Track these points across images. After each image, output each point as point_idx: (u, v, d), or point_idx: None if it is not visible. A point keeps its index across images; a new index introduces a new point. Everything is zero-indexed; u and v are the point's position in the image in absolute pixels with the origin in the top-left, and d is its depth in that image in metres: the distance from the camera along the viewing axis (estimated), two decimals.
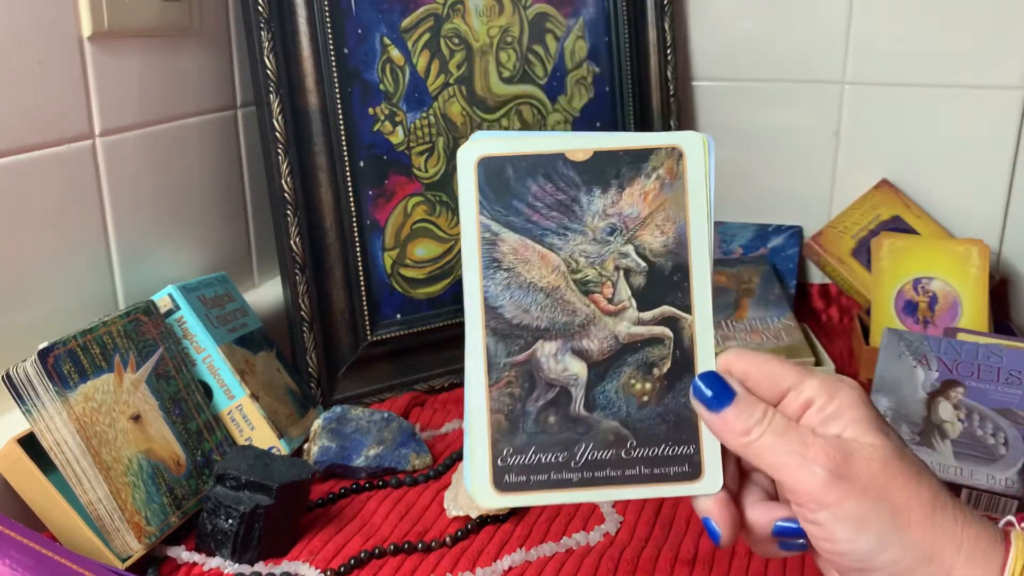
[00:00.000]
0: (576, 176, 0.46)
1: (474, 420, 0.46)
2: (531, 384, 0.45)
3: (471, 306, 0.45)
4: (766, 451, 0.42)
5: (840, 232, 1.09)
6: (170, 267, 0.85)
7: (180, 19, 0.82)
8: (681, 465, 0.45)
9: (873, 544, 0.40)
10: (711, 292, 0.46)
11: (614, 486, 0.45)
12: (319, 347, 0.87)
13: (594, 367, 0.46)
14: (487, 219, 0.45)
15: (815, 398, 0.43)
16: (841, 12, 1.08)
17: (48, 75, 0.70)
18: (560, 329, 0.46)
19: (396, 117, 0.90)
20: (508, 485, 0.45)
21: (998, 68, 1.03)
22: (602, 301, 0.46)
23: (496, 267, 0.45)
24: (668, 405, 0.45)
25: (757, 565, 0.64)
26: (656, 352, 0.46)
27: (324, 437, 0.77)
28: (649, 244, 0.46)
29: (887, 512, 0.40)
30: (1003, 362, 0.76)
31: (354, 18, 0.87)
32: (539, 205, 0.45)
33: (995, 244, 1.07)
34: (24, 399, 0.62)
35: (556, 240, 0.46)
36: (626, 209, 0.46)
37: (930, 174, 1.09)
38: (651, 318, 0.46)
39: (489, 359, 0.46)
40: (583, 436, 0.45)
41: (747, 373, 0.44)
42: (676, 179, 0.46)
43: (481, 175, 0.45)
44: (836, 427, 0.42)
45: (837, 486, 0.40)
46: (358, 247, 0.88)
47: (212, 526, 0.65)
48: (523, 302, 0.45)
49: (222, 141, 0.91)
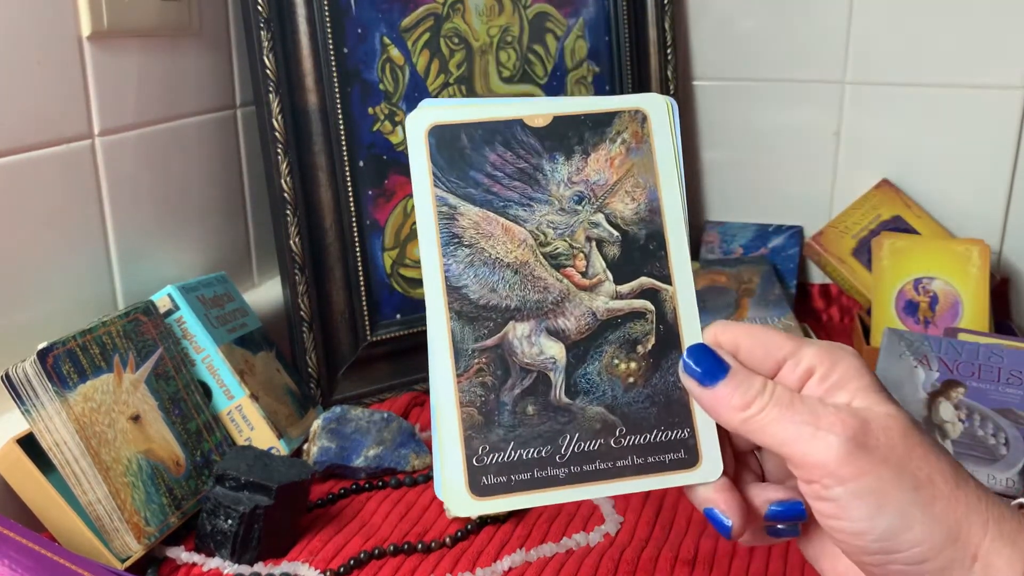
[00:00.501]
0: (537, 143, 0.43)
1: (443, 416, 0.41)
2: (504, 371, 0.41)
3: (431, 288, 0.41)
4: (771, 425, 0.38)
5: (841, 232, 1.09)
6: (169, 267, 0.84)
7: (179, 19, 0.82)
8: (676, 451, 0.41)
9: (894, 522, 0.36)
10: (689, 261, 0.43)
11: (605, 480, 0.41)
12: (319, 347, 0.87)
13: (572, 348, 0.42)
14: (443, 191, 0.42)
15: (815, 367, 0.39)
16: (841, 12, 1.08)
17: (47, 75, 0.70)
18: (532, 308, 0.42)
19: (396, 117, 0.90)
20: (487, 488, 0.40)
21: (999, 68, 1.03)
22: (576, 275, 0.42)
23: (456, 243, 0.42)
24: (656, 386, 0.42)
25: (757, 565, 0.64)
26: (638, 327, 0.42)
27: (324, 437, 0.77)
28: (620, 212, 0.43)
29: (909, 485, 0.36)
30: (1004, 362, 0.76)
31: (354, 18, 0.87)
32: (499, 175, 0.42)
33: (996, 244, 1.07)
34: (23, 399, 0.62)
35: (521, 212, 0.42)
36: (593, 176, 0.43)
37: (931, 174, 1.09)
38: (629, 291, 0.42)
39: (455, 345, 0.41)
40: (567, 426, 0.41)
41: (737, 344, 0.41)
42: (642, 143, 0.43)
43: (433, 145, 0.42)
44: (843, 396, 0.39)
45: (855, 457, 0.36)
46: (358, 247, 0.88)
47: (211, 526, 0.65)
48: (489, 280, 0.42)
49: (222, 141, 0.91)
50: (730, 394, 0.39)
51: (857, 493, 0.37)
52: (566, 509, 0.71)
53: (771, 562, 0.64)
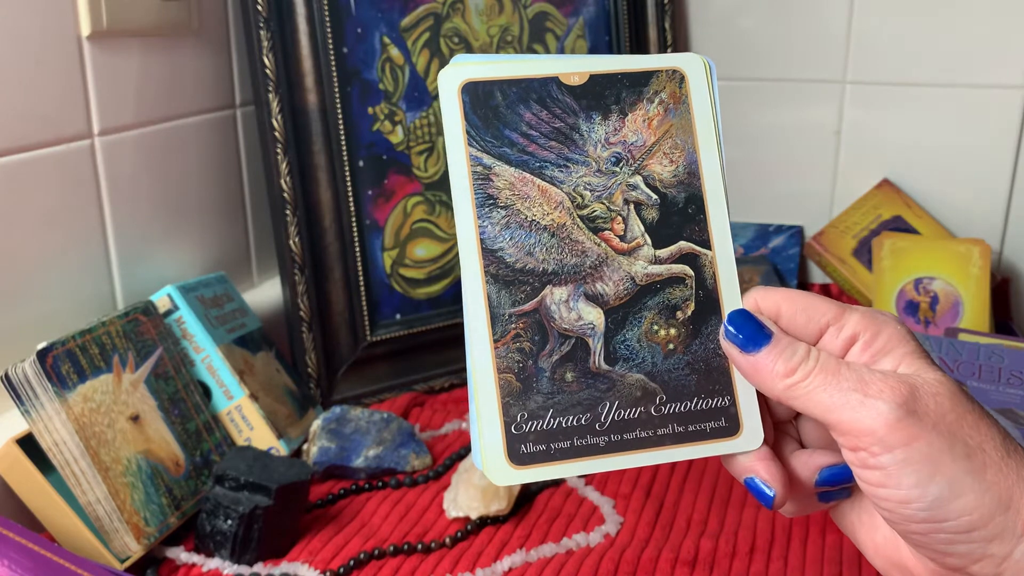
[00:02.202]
0: (573, 101, 0.41)
1: (480, 383, 0.40)
2: (542, 337, 0.40)
3: (466, 250, 0.40)
4: (816, 392, 0.37)
5: (841, 232, 1.09)
6: (169, 267, 0.84)
7: (179, 18, 0.82)
8: (717, 419, 0.40)
9: (944, 490, 0.35)
10: (729, 224, 0.42)
11: (646, 448, 0.40)
12: (318, 347, 0.87)
13: (611, 314, 0.41)
14: (477, 151, 0.40)
15: (860, 333, 0.39)
16: (842, 11, 1.08)
17: (47, 74, 0.70)
18: (570, 272, 0.41)
19: (396, 116, 0.90)
20: (526, 457, 0.39)
21: (999, 68, 1.03)
22: (613, 239, 0.41)
23: (492, 205, 0.40)
24: (696, 352, 0.41)
25: (758, 566, 0.64)
26: (677, 293, 0.41)
27: (323, 438, 0.77)
28: (659, 174, 0.42)
29: (961, 453, 0.36)
30: (1004, 363, 0.76)
31: (354, 17, 0.87)
32: (535, 134, 0.41)
33: (996, 244, 1.07)
34: (23, 399, 0.62)
35: (558, 172, 0.41)
36: (630, 136, 0.42)
37: (931, 174, 1.09)
38: (668, 255, 0.41)
39: (492, 310, 0.40)
40: (606, 393, 0.40)
41: (779, 310, 0.40)
42: (680, 104, 0.42)
43: (466, 102, 0.40)
44: (889, 363, 0.38)
45: (906, 423, 0.36)
46: (357, 247, 0.88)
47: (211, 527, 0.65)
48: (526, 243, 0.40)
49: (221, 140, 0.90)
50: (773, 361, 0.38)
51: (907, 460, 0.36)
52: (566, 509, 0.71)
53: (771, 563, 0.64)
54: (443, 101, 0.40)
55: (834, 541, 0.66)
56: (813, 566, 0.64)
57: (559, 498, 0.73)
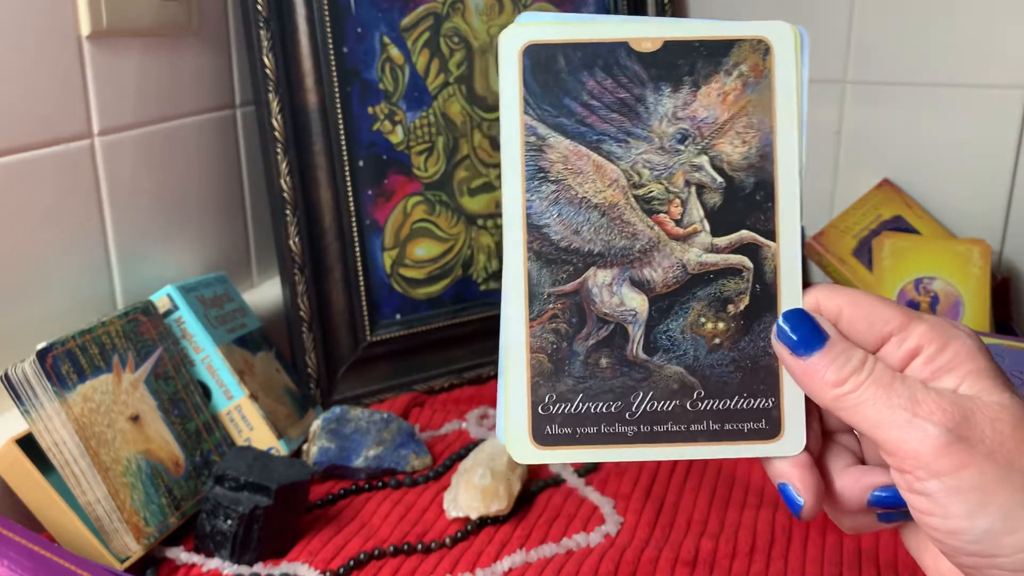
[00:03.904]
0: (642, 70, 0.38)
1: (511, 360, 0.38)
2: (580, 319, 0.39)
3: (511, 224, 0.38)
4: (865, 406, 0.35)
5: (841, 232, 1.09)
6: (168, 267, 0.84)
7: (179, 18, 0.82)
8: (757, 420, 0.39)
9: (996, 523, 0.33)
10: (800, 216, 0.40)
11: (676, 443, 0.39)
12: (318, 347, 0.87)
13: (656, 302, 0.39)
14: (533, 120, 0.38)
15: (924, 346, 0.36)
16: (842, 11, 1.08)
17: (46, 74, 0.70)
18: (617, 255, 0.39)
19: (396, 116, 0.90)
20: (550, 438, 0.38)
21: (999, 68, 1.02)
22: (669, 223, 0.39)
23: (542, 178, 0.38)
24: (744, 349, 0.39)
25: (758, 566, 0.64)
26: (732, 285, 0.39)
27: (323, 438, 0.76)
28: (727, 155, 0.39)
29: (1019, 482, 0.33)
30: (1004, 363, 0.76)
31: (353, 17, 0.87)
32: (596, 105, 0.38)
33: (997, 244, 1.07)
34: (22, 399, 0.62)
35: (616, 148, 0.38)
36: (701, 112, 0.39)
37: (931, 174, 1.09)
38: (727, 244, 0.39)
39: (531, 288, 0.39)
40: (641, 383, 0.39)
41: (840, 313, 0.37)
42: (762, 78, 0.39)
43: (527, 66, 0.38)
44: (951, 381, 0.35)
45: (955, 449, 0.33)
46: (357, 247, 0.88)
47: (211, 527, 0.65)
48: (573, 221, 0.39)
49: (221, 140, 0.90)
50: (825, 367, 0.36)
51: (955, 489, 0.34)
52: (566, 509, 0.71)
53: (771, 563, 0.64)
54: (502, 64, 0.38)
55: (834, 541, 0.66)
56: (813, 566, 0.64)
57: (559, 498, 0.73)
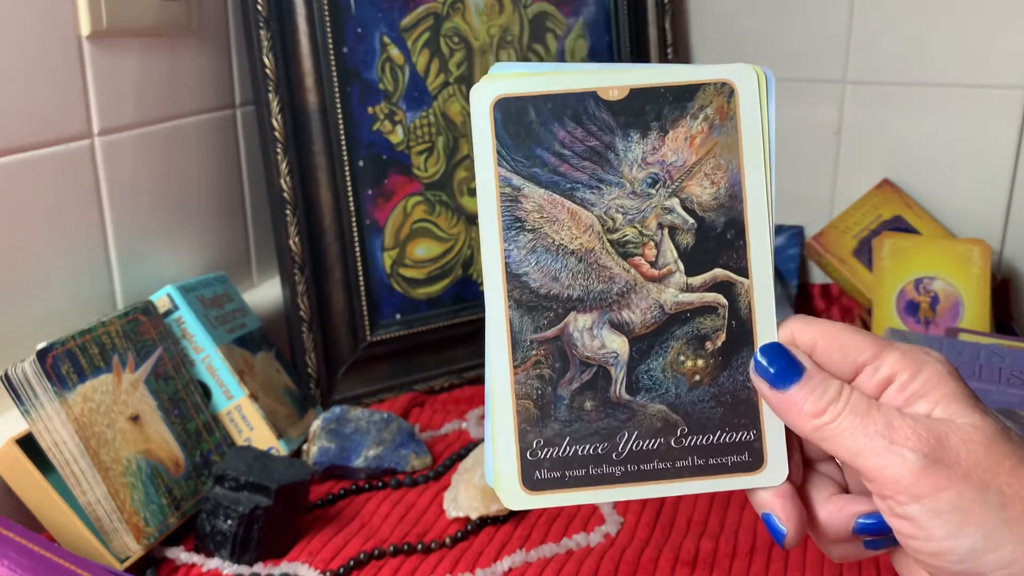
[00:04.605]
0: (610, 118, 0.39)
1: (498, 408, 0.39)
2: (563, 364, 0.40)
3: (491, 274, 0.39)
4: (843, 435, 0.36)
5: (842, 232, 1.09)
6: (169, 267, 0.84)
7: (179, 18, 0.82)
8: (740, 454, 0.40)
9: (978, 542, 0.34)
10: (772, 252, 0.40)
11: (662, 480, 0.40)
12: (318, 347, 0.87)
13: (636, 343, 0.40)
14: (507, 171, 0.39)
15: (897, 373, 0.37)
16: (842, 11, 1.08)
17: (46, 74, 0.70)
18: (595, 299, 0.40)
19: (396, 116, 0.90)
20: (539, 483, 0.39)
21: (999, 68, 1.02)
22: (644, 265, 0.40)
23: (519, 228, 0.39)
24: (724, 385, 0.40)
25: (758, 566, 0.64)
26: (708, 323, 0.40)
27: (323, 438, 0.76)
28: (697, 197, 0.40)
29: (995, 502, 0.34)
30: (1005, 363, 0.76)
31: (353, 17, 0.87)
32: (568, 154, 0.39)
33: (997, 244, 1.07)
34: (23, 399, 0.62)
35: (589, 195, 0.39)
36: (670, 156, 0.40)
37: (931, 174, 1.09)
38: (701, 283, 0.40)
39: (513, 336, 0.39)
40: (626, 424, 0.39)
41: (815, 344, 0.38)
42: (727, 120, 0.40)
43: (499, 119, 0.39)
44: (924, 406, 0.37)
45: (932, 472, 0.34)
46: (357, 247, 0.88)
47: (211, 527, 0.65)
48: (551, 268, 0.39)
49: (221, 140, 0.90)
50: (803, 399, 0.37)
51: (936, 511, 0.34)
52: (566, 510, 0.71)
53: (771, 563, 0.64)
54: (474, 118, 0.39)
55: None
56: (813, 566, 0.64)
57: None
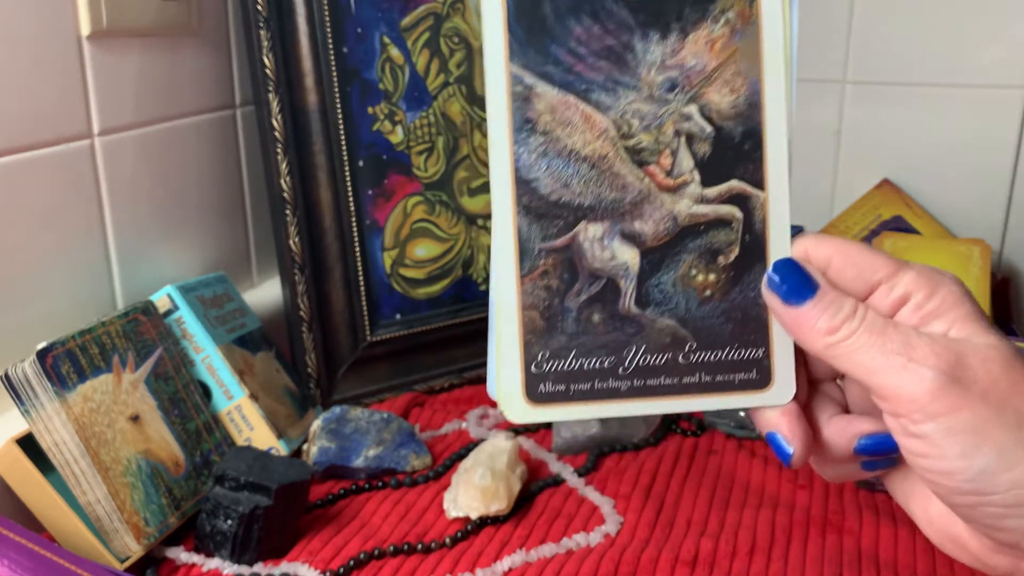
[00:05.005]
0: (629, 16, 0.37)
1: (502, 318, 0.38)
2: (571, 275, 0.38)
3: (498, 178, 0.38)
4: (858, 352, 0.36)
5: (841, 232, 1.09)
6: (168, 267, 0.84)
7: (179, 18, 0.82)
8: (747, 371, 0.39)
9: (992, 461, 0.34)
10: (789, 165, 0.39)
11: (668, 396, 0.39)
12: (318, 347, 0.87)
13: (648, 255, 0.39)
14: (518, 68, 0.37)
15: (912, 293, 0.37)
16: (842, 11, 1.08)
17: (46, 74, 0.70)
18: (607, 208, 0.38)
19: (396, 116, 0.90)
20: (543, 396, 0.39)
21: (999, 68, 1.02)
22: (659, 174, 0.38)
23: (530, 130, 0.38)
24: (734, 300, 0.39)
25: (758, 566, 0.64)
26: (722, 236, 0.39)
27: (323, 438, 0.76)
28: (716, 104, 0.38)
29: (1012, 421, 0.34)
30: None
31: (353, 17, 0.87)
32: (583, 52, 0.37)
33: (997, 244, 1.07)
34: (22, 399, 0.62)
35: (604, 97, 0.38)
36: (689, 60, 0.38)
37: (931, 174, 1.09)
38: (717, 195, 0.39)
39: (521, 244, 0.38)
40: (633, 337, 0.39)
41: (830, 262, 0.38)
42: (749, 25, 0.38)
43: (511, 9, 0.37)
44: (940, 326, 0.36)
45: (950, 391, 0.34)
46: (357, 247, 0.88)
47: (211, 527, 0.65)
48: (563, 174, 0.38)
49: (221, 140, 0.90)
50: (817, 315, 0.37)
51: (951, 430, 0.34)
52: (566, 509, 0.71)
53: (771, 563, 0.64)
54: (485, 6, 0.37)
55: (834, 541, 0.66)
56: (813, 566, 0.64)
57: (559, 498, 0.73)
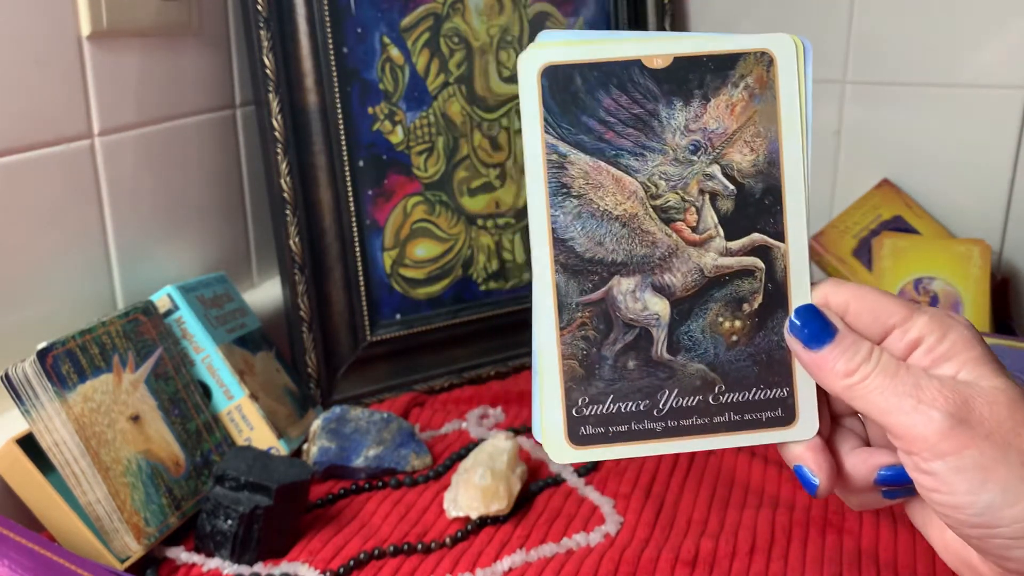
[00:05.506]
0: (655, 86, 0.41)
1: (545, 368, 0.41)
2: (607, 326, 0.41)
3: (538, 239, 0.41)
4: (873, 394, 0.38)
5: (841, 232, 1.09)
6: (169, 267, 0.84)
7: (179, 18, 0.82)
8: (774, 410, 0.42)
9: (997, 497, 0.36)
10: (807, 217, 0.42)
11: (701, 435, 0.42)
12: (318, 347, 0.87)
13: (677, 305, 0.42)
14: (554, 138, 0.40)
15: (925, 336, 0.39)
16: (842, 11, 1.08)
17: (47, 74, 0.70)
18: (638, 263, 0.41)
19: (396, 116, 0.90)
20: (584, 438, 0.42)
21: (999, 68, 1.02)
22: (685, 230, 0.41)
23: (565, 194, 0.41)
24: (759, 344, 0.42)
25: (758, 566, 0.64)
26: (746, 286, 0.42)
27: (323, 437, 0.77)
28: (738, 163, 0.41)
29: (1016, 460, 0.36)
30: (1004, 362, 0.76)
31: (353, 17, 0.87)
32: (613, 121, 0.41)
33: (996, 244, 1.07)
34: (23, 399, 0.62)
35: (633, 161, 0.41)
36: (711, 124, 0.41)
37: (931, 174, 1.09)
38: (740, 248, 0.41)
39: (560, 299, 0.41)
40: (666, 382, 0.42)
41: (847, 307, 0.40)
42: (767, 89, 0.41)
43: (546, 87, 0.40)
44: (950, 368, 0.39)
45: (957, 432, 0.37)
46: (357, 247, 0.88)
47: (211, 527, 0.65)
48: (596, 233, 0.41)
49: (221, 140, 0.90)
50: (835, 359, 0.39)
51: (958, 468, 0.37)
52: (565, 509, 0.71)
53: (771, 563, 0.64)
54: (522, 85, 0.40)
55: (834, 541, 0.66)
56: (813, 566, 0.64)
57: (559, 498, 0.73)
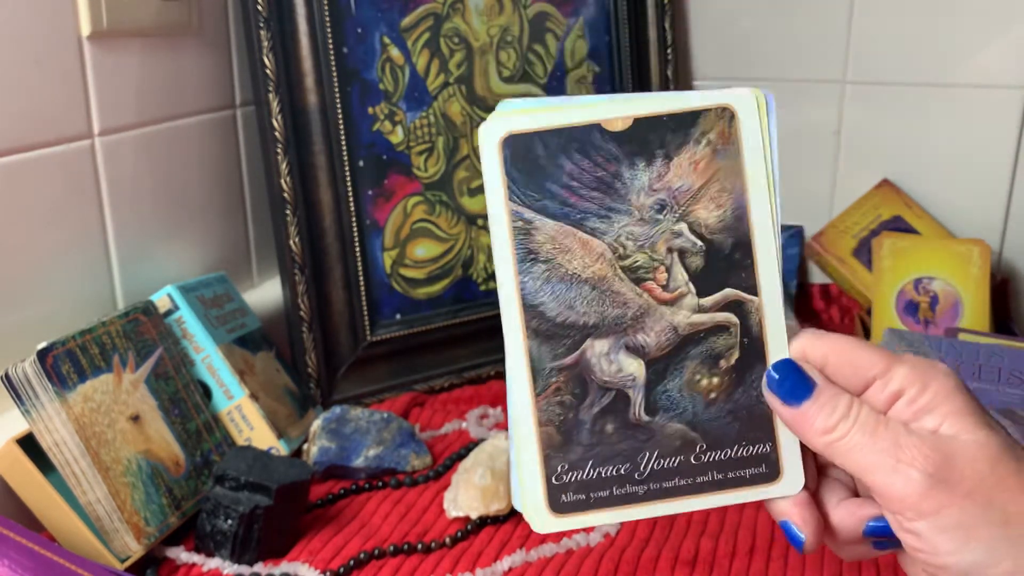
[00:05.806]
0: (616, 148, 0.40)
1: (521, 436, 0.41)
2: (583, 389, 0.41)
3: (507, 306, 0.40)
4: (853, 451, 0.38)
5: (841, 232, 1.09)
6: (169, 267, 0.84)
7: (179, 18, 0.82)
8: (757, 466, 0.41)
9: (982, 556, 0.36)
10: (779, 270, 0.41)
11: (684, 496, 0.41)
12: (318, 347, 0.87)
13: (652, 365, 0.41)
14: (518, 206, 0.40)
15: (906, 388, 0.38)
16: (842, 11, 1.08)
17: (47, 74, 0.70)
18: (611, 324, 0.41)
19: (396, 116, 0.90)
20: (566, 506, 0.41)
21: (999, 68, 1.03)
22: (656, 289, 0.41)
23: (533, 260, 0.40)
24: (739, 401, 0.41)
25: (758, 566, 0.64)
26: (721, 342, 0.41)
27: (323, 437, 0.77)
28: (704, 220, 0.41)
29: (998, 519, 0.36)
30: (1004, 362, 0.76)
31: (354, 17, 0.87)
32: (576, 185, 0.40)
33: (996, 244, 1.07)
34: (23, 399, 0.62)
35: (599, 223, 0.40)
36: (675, 182, 0.41)
37: (931, 174, 1.09)
38: (713, 304, 0.41)
39: (533, 365, 0.40)
40: (646, 444, 0.41)
41: (826, 359, 0.39)
42: (730, 144, 0.41)
43: (507, 156, 0.40)
44: (931, 421, 0.38)
45: (936, 492, 0.36)
46: (357, 247, 0.88)
47: (211, 527, 0.65)
48: (566, 297, 0.40)
49: (221, 140, 0.90)
50: (815, 415, 0.38)
51: (941, 528, 0.36)
52: None
53: (771, 563, 0.64)
54: (484, 155, 0.40)
55: None
56: (813, 566, 0.64)
57: None
